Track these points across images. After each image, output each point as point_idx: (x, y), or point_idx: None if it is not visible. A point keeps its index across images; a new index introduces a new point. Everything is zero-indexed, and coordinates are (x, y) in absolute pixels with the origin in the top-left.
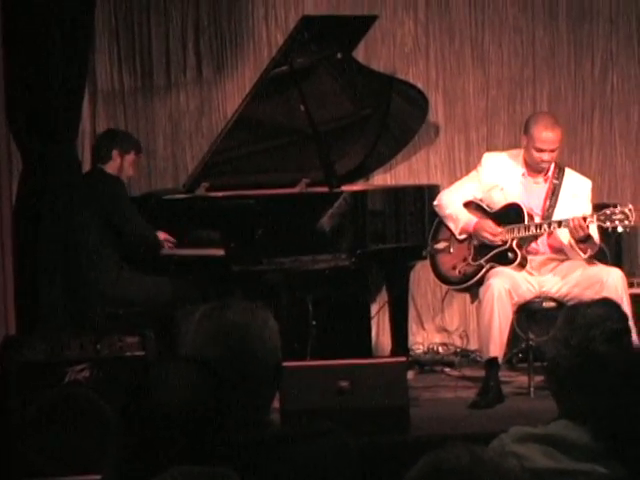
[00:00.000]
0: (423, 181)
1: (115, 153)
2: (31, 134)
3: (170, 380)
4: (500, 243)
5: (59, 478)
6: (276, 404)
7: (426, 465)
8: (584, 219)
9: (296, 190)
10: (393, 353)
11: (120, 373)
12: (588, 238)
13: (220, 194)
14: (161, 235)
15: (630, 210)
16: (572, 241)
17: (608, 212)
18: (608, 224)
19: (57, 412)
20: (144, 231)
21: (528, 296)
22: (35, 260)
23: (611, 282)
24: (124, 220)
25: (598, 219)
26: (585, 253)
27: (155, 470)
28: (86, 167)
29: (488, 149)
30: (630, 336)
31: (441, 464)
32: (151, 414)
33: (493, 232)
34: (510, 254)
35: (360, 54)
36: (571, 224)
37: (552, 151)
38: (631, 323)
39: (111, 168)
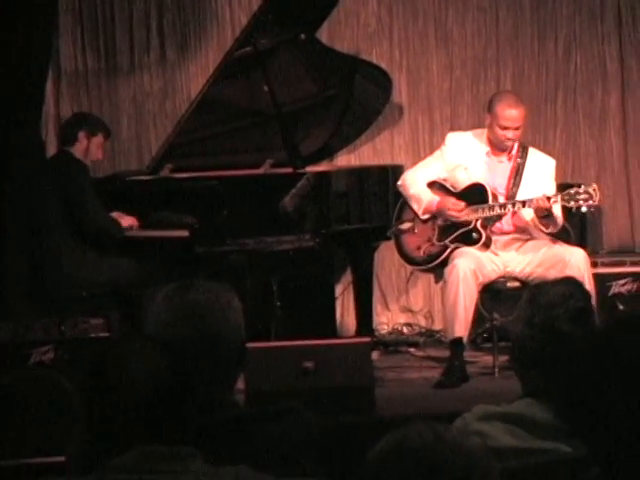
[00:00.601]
0: (387, 161)
1: (81, 135)
2: None
3: (131, 360)
4: (465, 222)
5: (22, 460)
6: (241, 385)
7: (389, 443)
8: (548, 199)
9: (260, 171)
10: (358, 333)
11: (84, 354)
12: (550, 215)
13: (184, 175)
14: (127, 220)
15: (594, 190)
16: (535, 218)
17: (572, 192)
18: (572, 204)
19: (21, 394)
20: (104, 224)
21: (493, 276)
22: None
23: (574, 262)
24: (84, 212)
25: (562, 199)
26: (547, 228)
27: (119, 450)
28: (50, 149)
29: (452, 129)
30: (593, 314)
31: (404, 442)
32: (112, 394)
33: (457, 208)
34: (475, 234)
35: (324, 35)
36: (535, 204)
37: (516, 129)
38: (593, 302)
39: (77, 150)
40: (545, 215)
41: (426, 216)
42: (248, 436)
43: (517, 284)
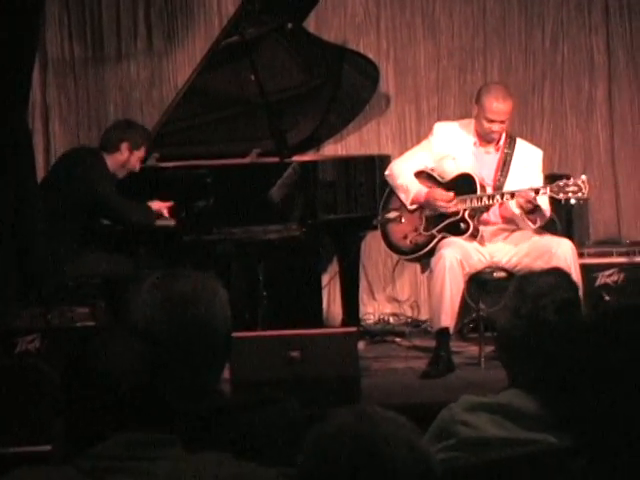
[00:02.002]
0: (374, 151)
1: (124, 146)
2: None
3: (110, 348)
4: (452, 212)
5: (8, 449)
6: (226, 374)
7: (313, 435)
8: (537, 191)
9: (247, 160)
10: (344, 323)
11: (71, 343)
12: (536, 209)
13: (171, 164)
14: (155, 205)
15: (583, 182)
16: (522, 214)
17: (561, 184)
18: (561, 196)
19: (7, 382)
20: (140, 218)
21: (479, 266)
22: None
23: (561, 252)
24: (119, 218)
25: (551, 190)
26: (535, 224)
27: (100, 437)
28: (37, 137)
29: (439, 119)
30: (580, 305)
31: (327, 428)
32: (91, 383)
33: (446, 199)
34: (462, 224)
35: (311, 24)
36: (522, 200)
37: (502, 122)
38: (580, 293)
39: (114, 159)
40: (531, 210)
41: (414, 206)
42: (233, 425)
43: (504, 274)
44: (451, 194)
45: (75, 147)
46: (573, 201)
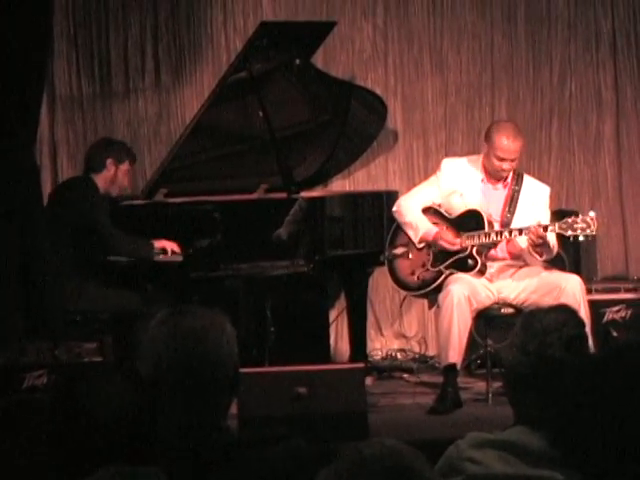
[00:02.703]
0: (381, 187)
1: (109, 162)
2: None
3: (94, 385)
4: (459, 249)
5: None
6: (233, 410)
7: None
8: (545, 228)
9: (254, 196)
10: (351, 359)
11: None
12: (544, 243)
13: (178, 200)
14: (161, 243)
15: (592, 219)
16: (529, 246)
17: (570, 221)
18: (570, 232)
19: (13, 418)
20: (135, 252)
21: (487, 302)
22: None
23: (569, 288)
24: (107, 246)
25: (560, 227)
26: (541, 257)
27: (86, 471)
28: (45, 173)
29: (447, 155)
30: (587, 342)
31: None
32: (76, 419)
33: (452, 243)
34: (470, 261)
35: (319, 60)
36: (532, 235)
37: (512, 160)
38: (588, 329)
39: (103, 178)
40: (539, 244)
41: (422, 245)
42: (241, 462)
43: (511, 310)
44: (458, 240)
45: (65, 179)
46: (582, 238)
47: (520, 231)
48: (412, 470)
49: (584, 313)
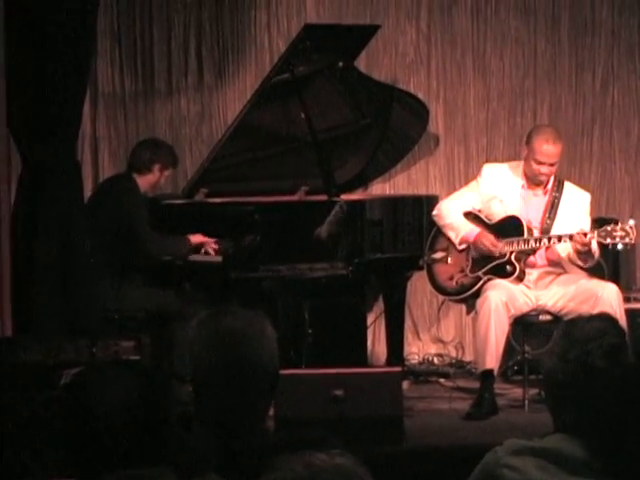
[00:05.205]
0: (422, 192)
1: (157, 167)
2: (31, 136)
3: (102, 385)
4: (498, 255)
5: None
6: (270, 411)
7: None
8: (584, 235)
9: (295, 198)
10: (388, 363)
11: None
12: (589, 250)
13: (219, 200)
14: (198, 238)
15: (631, 228)
16: (572, 253)
17: (609, 229)
18: (609, 241)
19: (51, 415)
20: (170, 249)
21: (525, 309)
22: (32, 262)
23: (606, 297)
24: (150, 252)
25: (599, 235)
26: (585, 264)
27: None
28: (86, 170)
29: (487, 161)
30: (627, 351)
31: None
32: (84, 420)
33: (494, 244)
34: (509, 267)
35: (362, 63)
36: (573, 240)
37: (551, 165)
38: (626, 338)
39: (147, 181)
40: (585, 251)
41: (463, 246)
42: (277, 465)
43: (549, 317)
44: (500, 243)
45: (107, 177)
46: (620, 246)
47: (559, 238)
48: None
49: (621, 321)
